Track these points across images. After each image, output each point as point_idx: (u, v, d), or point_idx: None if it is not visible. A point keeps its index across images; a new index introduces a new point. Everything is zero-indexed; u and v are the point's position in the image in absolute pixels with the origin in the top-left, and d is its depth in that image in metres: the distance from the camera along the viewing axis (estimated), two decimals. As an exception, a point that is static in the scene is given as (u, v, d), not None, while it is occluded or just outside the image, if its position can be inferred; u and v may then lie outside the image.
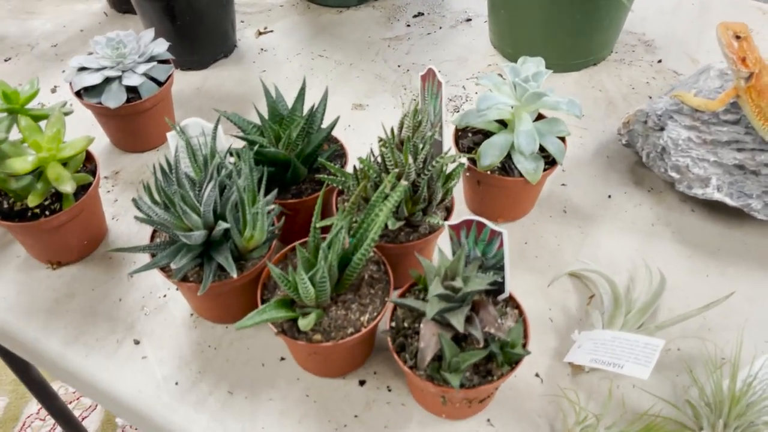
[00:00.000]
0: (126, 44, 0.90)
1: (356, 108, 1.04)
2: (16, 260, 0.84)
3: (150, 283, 0.81)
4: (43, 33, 1.18)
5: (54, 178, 0.71)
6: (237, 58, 1.13)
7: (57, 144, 0.72)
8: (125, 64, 0.89)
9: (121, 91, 0.89)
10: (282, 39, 1.17)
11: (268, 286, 0.69)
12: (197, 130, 0.74)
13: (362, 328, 0.65)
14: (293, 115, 0.78)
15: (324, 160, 0.74)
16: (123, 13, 1.22)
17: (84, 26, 1.20)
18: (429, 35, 1.17)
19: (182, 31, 1.04)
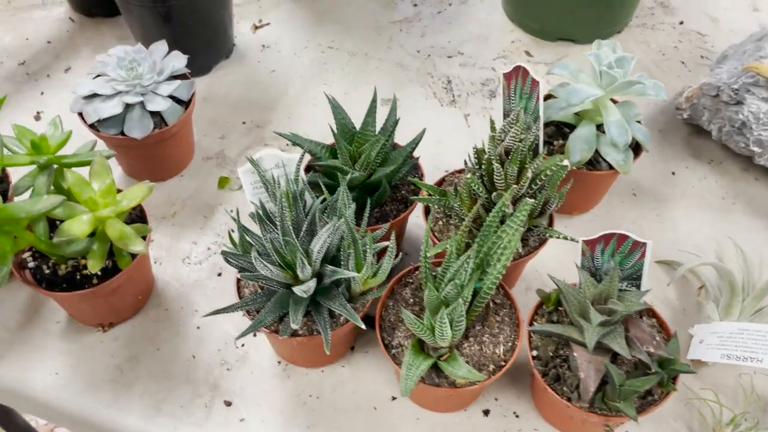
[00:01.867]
0: (140, 62, 0.78)
1: (386, 103, 0.96)
2: (56, 327, 0.73)
3: (221, 333, 0.73)
4: (3, 49, 1.02)
5: (117, 237, 0.61)
6: (238, 59, 1.02)
7: (113, 197, 0.61)
8: (144, 86, 0.78)
9: (146, 118, 0.77)
10: (282, 31, 1.07)
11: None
12: (272, 161, 0.65)
13: (502, 363, 0.60)
14: (365, 132, 0.71)
15: (418, 180, 0.67)
16: (91, 17, 1.07)
17: (50, 37, 1.04)
18: (440, 14, 1.10)
19: (180, 36, 0.92)
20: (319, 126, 0.93)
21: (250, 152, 0.90)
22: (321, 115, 0.95)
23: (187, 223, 0.82)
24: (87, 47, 1.03)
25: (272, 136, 0.92)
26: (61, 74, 0.99)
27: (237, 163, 0.89)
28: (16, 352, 0.71)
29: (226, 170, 0.88)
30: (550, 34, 1.03)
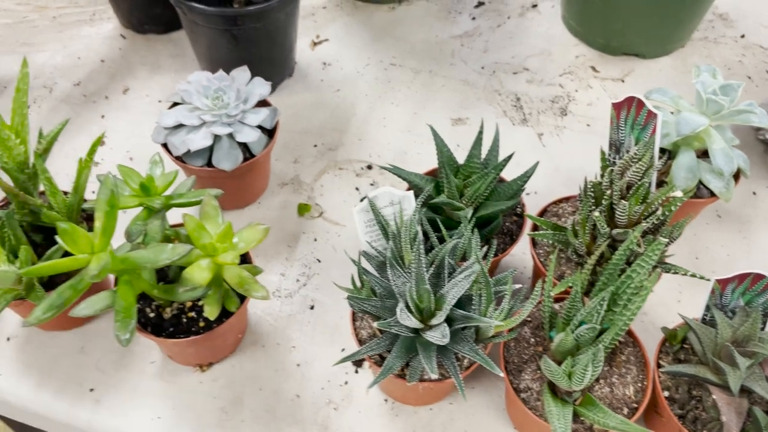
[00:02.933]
0: (225, 90, 0.76)
1: (457, 123, 0.95)
2: (151, 367, 0.71)
3: (323, 371, 0.71)
4: (56, 69, 0.99)
5: (237, 283, 0.59)
6: (301, 77, 1.00)
7: (230, 241, 0.59)
8: (231, 116, 0.75)
9: (234, 149, 0.75)
10: (341, 48, 1.04)
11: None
12: (387, 199, 0.63)
13: (634, 405, 0.59)
14: (471, 164, 0.69)
15: (534, 216, 0.66)
16: (143, 33, 1.04)
17: (103, 55, 1.01)
18: (499, 27, 1.08)
19: (248, 57, 0.89)
20: (392, 149, 0.91)
21: (326, 177, 0.88)
22: (392, 137, 0.93)
23: (271, 254, 0.80)
24: (142, 66, 1.00)
25: (345, 160, 0.90)
26: (120, 95, 0.96)
27: (313, 189, 0.87)
28: (113, 396, 0.69)
29: (303, 196, 0.86)
30: (615, 49, 1.02)
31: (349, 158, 0.90)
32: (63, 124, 0.64)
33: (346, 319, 0.75)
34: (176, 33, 1.05)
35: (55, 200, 0.63)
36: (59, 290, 0.54)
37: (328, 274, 0.79)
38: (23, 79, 0.62)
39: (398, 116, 0.95)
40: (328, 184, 0.88)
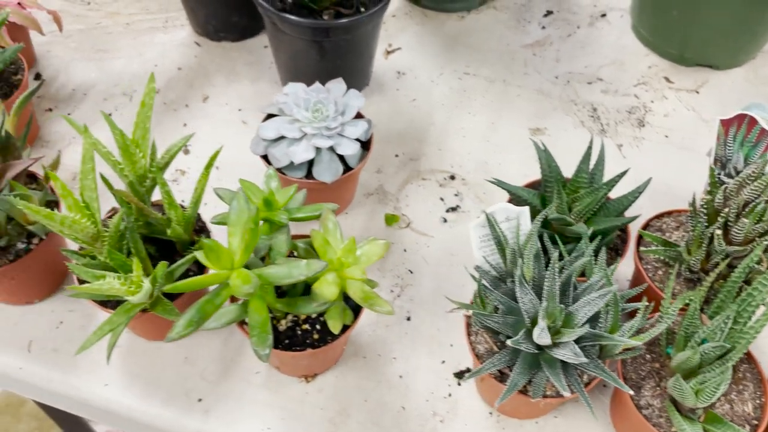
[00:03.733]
0: (324, 103, 0.76)
1: (536, 133, 0.95)
2: (257, 378, 0.71)
3: (425, 383, 0.72)
4: (133, 76, 0.99)
5: (362, 298, 0.60)
6: (377, 87, 1.00)
7: (354, 256, 0.60)
8: (330, 129, 0.76)
9: (335, 161, 0.76)
10: (414, 57, 1.05)
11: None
12: (502, 215, 0.64)
13: (754, 422, 0.60)
14: (579, 179, 0.69)
15: (646, 232, 0.67)
16: (217, 41, 1.04)
17: (179, 62, 1.01)
18: (570, 37, 1.08)
19: (331, 68, 0.90)
20: (473, 159, 0.92)
21: (410, 187, 0.88)
22: (472, 147, 0.93)
23: (364, 265, 0.81)
24: (219, 74, 1.00)
25: (428, 170, 0.91)
26: (200, 104, 0.97)
27: (398, 199, 0.88)
28: (222, 406, 0.69)
29: (389, 206, 0.87)
30: (689, 60, 1.02)
31: (431, 168, 0.91)
32: (187, 139, 0.65)
33: (443, 331, 0.76)
34: (250, 40, 1.05)
35: (176, 213, 0.63)
36: (198, 306, 0.54)
37: (421, 285, 0.79)
38: (149, 93, 0.62)
39: (476, 126, 0.96)
40: (412, 194, 0.88)
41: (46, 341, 0.73)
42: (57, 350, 0.73)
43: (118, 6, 1.09)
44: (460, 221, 0.86)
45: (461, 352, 0.74)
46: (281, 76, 0.97)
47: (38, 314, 0.75)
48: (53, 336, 0.74)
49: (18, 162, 0.67)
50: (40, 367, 0.72)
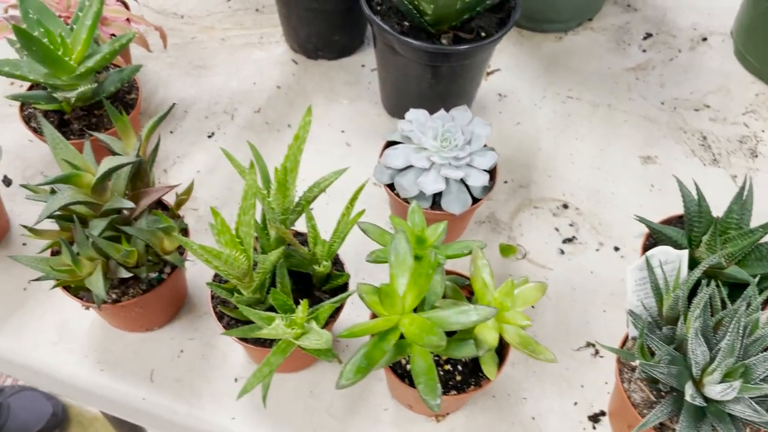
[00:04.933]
0: (452, 131, 0.74)
1: (647, 161, 0.93)
2: (385, 415, 0.69)
3: (560, 426, 0.69)
4: (233, 93, 0.98)
5: (519, 343, 0.57)
6: (479, 109, 0.98)
7: (511, 298, 0.58)
8: (459, 159, 0.74)
9: (463, 192, 0.74)
10: (514, 78, 1.02)
11: None
12: (659, 258, 0.62)
13: None
14: (729, 220, 0.67)
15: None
16: (315, 59, 1.03)
17: (278, 80, 1.00)
18: (672, 61, 1.06)
19: (441, 92, 0.87)
20: (584, 187, 0.89)
21: (522, 215, 0.86)
22: (582, 174, 0.91)
23: (484, 297, 0.78)
24: (319, 94, 0.99)
25: (539, 198, 0.88)
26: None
27: (512, 228, 0.85)
28: (352, 445, 0.68)
29: (503, 236, 0.85)
30: (800, 88, 0.99)
31: (543, 196, 0.89)
32: (339, 173, 0.63)
33: (572, 370, 0.74)
34: (346, 59, 1.03)
35: (322, 248, 0.62)
36: (365, 351, 0.53)
37: (544, 321, 0.77)
38: (305, 127, 0.60)
39: (584, 152, 0.94)
40: (525, 223, 0.86)
41: (168, 370, 0.72)
42: (179, 380, 0.71)
43: (212, 20, 1.07)
44: (577, 253, 0.83)
45: (592, 394, 0.72)
46: (384, 97, 0.96)
47: (158, 342, 0.74)
48: (175, 365, 0.72)
49: (154, 189, 0.66)
50: (163, 398, 0.70)
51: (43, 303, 0.76)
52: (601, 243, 0.84)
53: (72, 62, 0.73)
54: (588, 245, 0.84)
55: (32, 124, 0.79)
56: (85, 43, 0.74)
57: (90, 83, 0.75)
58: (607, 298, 0.79)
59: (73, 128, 0.78)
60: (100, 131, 0.78)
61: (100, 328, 0.74)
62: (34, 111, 0.80)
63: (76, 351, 0.72)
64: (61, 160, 0.60)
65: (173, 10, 1.08)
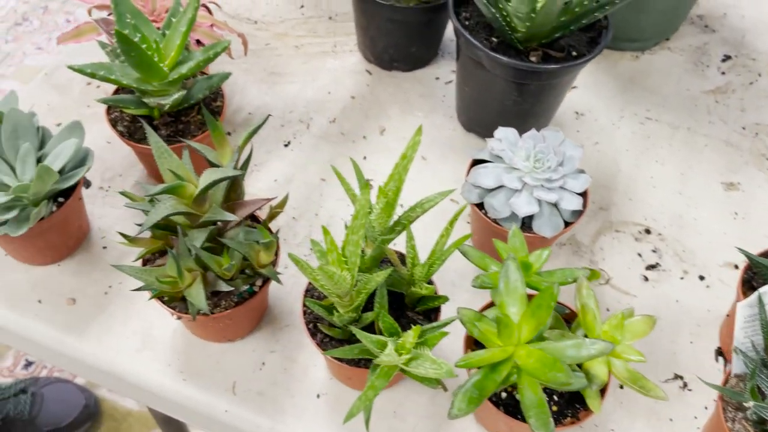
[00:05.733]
0: (545, 152, 0.73)
1: (729, 188, 0.91)
2: (469, 440, 0.68)
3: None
4: (308, 102, 0.97)
5: (627, 378, 0.56)
6: (557, 126, 0.96)
7: (621, 332, 0.56)
8: (553, 181, 0.72)
9: (555, 216, 0.72)
10: (591, 97, 1.01)
11: None
12: None
13: None
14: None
15: None
16: (389, 69, 1.02)
17: (352, 90, 0.99)
18: (752, 85, 1.03)
19: (523, 109, 0.86)
20: (666, 212, 0.88)
21: (603, 239, 0.85)
22: (664, 198, 0.89)
23: (567, 322, 0.77)
24: (393, 105, 0.98)
25: (620, 221, 0.86)
26: (377, 136, 0.94)
27: (593, 251, 0.84)
28: (438, 469, 0.66)
29: (584, 259, 0.83)
30: None
31: (624, 220, 0.87)
32: (444, 195, 0.62)
33: (661, 403, 0.72)
34: (420, 71, 1.02)
35: (421, 270, 0.61)
36: (477, 382, 0.51)
37: (628, 348, 0.75)
38: (413, 147, 0.59)
39: (665, 176, 0.92)
40: (607, 247, 0.84)
41: (250, 383, 0.71)
42: (262, 394, 0.70)
43: (285, 27, 1.07)
44: (662, 281, 0.81)
45: (682, 428, 0.70)
46: (461, 111, 0.94)
47: (239, 353, 0.73)
48: (257, 378, 0.71)
49: (250, 201, 0.65)
50: (246, 411, 0.69)
51: (126, 308, 0.76)
52: (686, 271, 0.82)
53: (165, 68, 0.73)
54: (672, 273, 0.82)
55: (118, 128, 0.79)
56: (178, 49, 0.73)
57: (180, 90, 0.75)
58: (693, 329, 0.77)
59: (160, 134, 0.77)
60: (186, 137, 0.78)
61: (182, 336, 0.74)
62: (121, 114, 0.80)
63: (160, 359, 0.72)
64: (166, 170, 0.60)
65: (246, 15, 1.08)
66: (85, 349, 0.73)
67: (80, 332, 0.74)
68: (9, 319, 0.74)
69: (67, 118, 0.92)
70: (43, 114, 0.92)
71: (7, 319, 0.74)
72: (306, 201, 0.87)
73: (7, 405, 1.43)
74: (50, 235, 0.73)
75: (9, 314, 0.74)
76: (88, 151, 0.72)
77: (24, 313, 0.74)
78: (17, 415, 1.43)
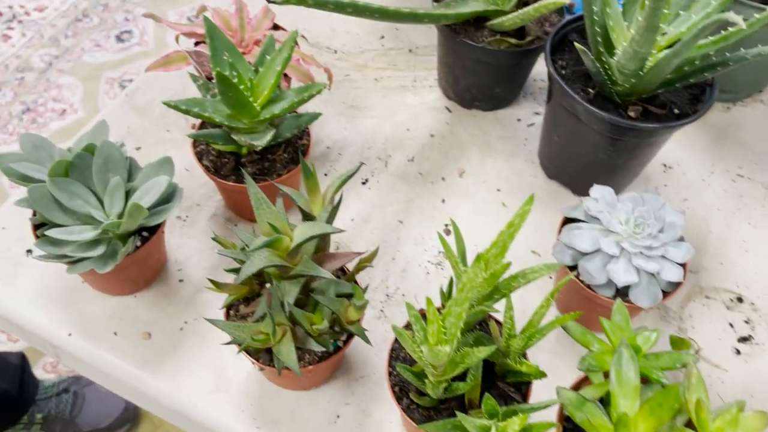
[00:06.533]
0: (646, 217, 0.70)
1: (829, 259, 0.86)
2: None
3: None
4: (386, 139, 0.95)
5: (741, 480, 0.52)
6: (644, 179, 0.92)
7: (735, 427, 0.53)
8: (653, 248, 0.69)
9: (654, 285, 0.69)
10: (680, 148, 0.96)
11: None
12: None
13: None
14: None
15: None
16: (468, 108, 0.99)
17: (432, 128, 0.97)
18: None
19: (612, 163, 0.83)
20: (761, 280, 0.83)
21: (693, 305, 0.81)
22: (758, 266, 0.84)
23: (655, 395, 0.73)
24: (473, 146, 0.95)
25: (711, 287, 0.82)
26: (456, 178, 0.92)
27: (682, 318, 0.80)
28: None
29: (672, 326, 0.79)
30: None
31: (714, 285, 0.83)
32: (552, 268, 0.59)
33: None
34: (502, 111, 1.00)
35: (518, 343, 0.58)
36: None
37: (719, 427, 0.71)
38: (522, 216, 0.57)
39: (759, 240, 0.87)
40: (696, 314, 0.80)
41: (325, 436, 0.69)
42: (337, 449, 0.69)
43: (365, 58, 1.05)
44: (755, 355, 0.77)
45: None
46: (545, 157, 0.91)
47: (314, 403, 0.71)
48: (331, 430, 0.69)
49: (341, 254, 0.63)
50: (320, 466, 0.68)
51: (200, 346, 0.74)
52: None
53: (257, 106, 0.72)
54: (766, 347, 0.78)
55: (204, 162, 0.78)
56: (271, 88, 0.72)
57: (271, 129, 0.73)
58: (789, 411, 0.73)
59: (247, 171, 0.76)
60: (272, 176, 0.76)
61: (257, 381, 0.72)
62: (207, 148, 0.79)
63: (233, 403, 0.71)
64: (264, 222, 0.58)
65: (326, 44, 1.07)
66: (158, 386, 0.72)
67: (154, 369, 0.73)
68: (84, 349, 0.74)
69: (147, 142, 0.92)
70: (123, 136, 0.92)
71: (82, 349, 0.74)
72: (383, 243, 0.84)
73: (49, 404, 1.44)
74: (131, 269, 0.73)
75: (85, 345, 0.74)
76: (176, 188, 0.71)
77: (100, 345, 0.74)
78: (58, 414, 1.44)
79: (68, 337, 0.74)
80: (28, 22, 2.40)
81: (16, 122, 2.11)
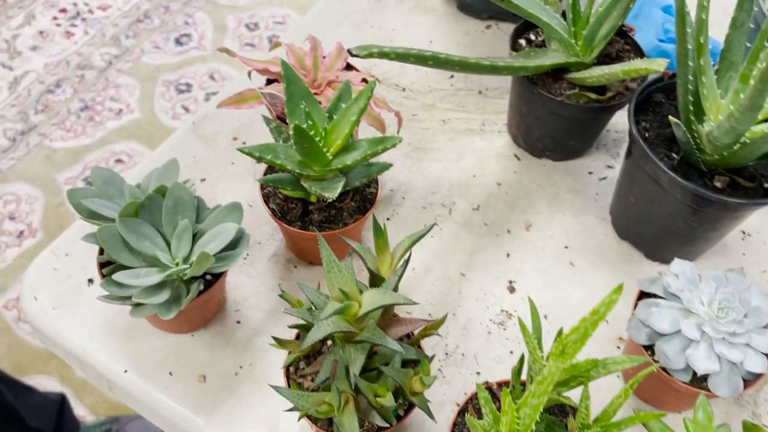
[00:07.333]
0: (730, 300, 0.66)
1: None
2: None
3: None
4: (452, 185, 0.93)
5: None
6: (720, 247, 0.88)
7: None
8: (736, 334, 0.65)
9: (735, 374, 0.65)
10: (760, 216, 0.91)
11: None
12: None
13: None
14: None
15: None
16: (538, 157, 0.96)
17: (499, 176, 0.94)
18: None
19: (693, 233, 0.79)
20: None
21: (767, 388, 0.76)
22: (842, 350, 0.79)
23: (726, 487, 0.69)
24: (542, 199, 0.92)
25: (790, 370, 0.78)
26: (522, 232, 0.89)
27: (756, 402, 0.75)
28: None
29: (746, 410, 0.75)
30: None
31: (793, 369, 0.78)
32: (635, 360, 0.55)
33: None
34: (572, 162, 0.96)
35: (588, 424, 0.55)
36: None
37: None
38: (609, 305, 0.53)
39: (843, 322, 0.82)
40: (773, 399, 0.76)
41: (376, 502, 0.67)
42: None
43: (433, 98, 1.03)
44: (837, 451, 0.72)
45: None
46: (617, 216, 0.88)
47: (367, 465, 0.69)
48: (382, 497, 0.67)
49: (408, 320, 0.61)
50: None
51: (254, 394, 0.73)
52: None
53: (329, 155, 0.70)
54: None
55: (270, 205, 0.77)
56: (344, 138, 0.71)
57: (341, 178, 0.72)
58: None
59: (313, 218, 0.75)
60: (338, 225, 0.75)
61: (310, 436, 0.71)
62: (274, 191, 0.78)
63: (285, 459, 0.69)
64: (335, 287, 0.57)
65: (395, 81, 1.05)
66: (211, 433, 0.71)
67: (208, 414, 0.72)
68: (140, 388, 0.73)
69: (213, 173, 0.92)
70: (188, 166, 0.92)
71: (138, 388, 0.73)
72: (443, 297, 0.82)
73: None
74: (192, 312, 0.72)
75: (141, 383, 0.73)
76: (243, 234, 0.70)
77: (155, 385, 0.73)
78: None
79: (124, 373, 0.74)
80: (92, 20, 2.45)
81: (74, 119, 2.15)
